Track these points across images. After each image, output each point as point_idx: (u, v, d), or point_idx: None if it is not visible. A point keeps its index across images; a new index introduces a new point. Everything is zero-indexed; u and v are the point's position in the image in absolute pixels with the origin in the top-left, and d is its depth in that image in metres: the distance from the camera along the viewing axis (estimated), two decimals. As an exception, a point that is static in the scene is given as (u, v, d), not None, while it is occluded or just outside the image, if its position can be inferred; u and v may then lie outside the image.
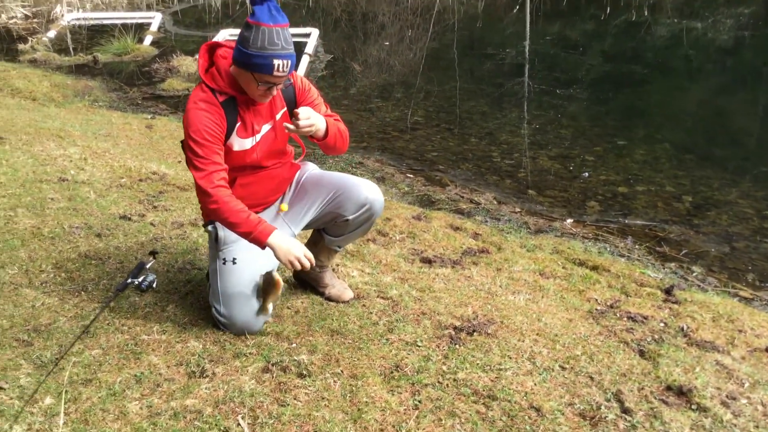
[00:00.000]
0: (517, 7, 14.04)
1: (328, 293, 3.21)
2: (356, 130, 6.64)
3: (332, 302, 3.18)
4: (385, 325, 2.99)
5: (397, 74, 9.52)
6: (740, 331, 3.29)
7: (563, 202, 5.21)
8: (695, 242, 4.57)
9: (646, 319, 3.34)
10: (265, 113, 2.80)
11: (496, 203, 5.16)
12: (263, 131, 2.80)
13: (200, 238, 3.77)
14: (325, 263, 3.22)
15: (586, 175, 5.63)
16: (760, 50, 10.91)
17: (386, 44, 11.32)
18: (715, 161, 6.08)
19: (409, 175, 5.70)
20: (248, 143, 2.77)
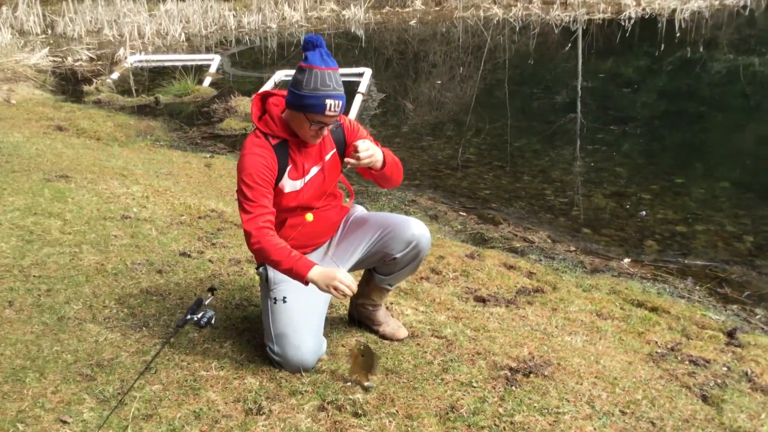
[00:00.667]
0: (569, 44, 14.02)
1: (382, 331, 3.22)
2: (408, 167, 6.68)
3: (386, 340, 3.18)
4: (439, 364, 2.98)
5: (448, 112, 9.58)
6: (809, 376, 3.17)
7: (620, 241, 5.13)
8: (758, 283, 4.44)
9: (708, 362, 3.25)
10: (314, 155, 2.89)
11: (550, 242, 5.11)
12: (312, 173, 2.89)
13: (257, 275, 3.83)
14: (378, 302, 3.23)
15: (643, 213, 5.54)
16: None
17: (438, 82, 11.42)
18: (777, 200, 5.92)
19: (461, 213, 5.70)
20: (298, 184, 2.86)
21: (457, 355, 3.06)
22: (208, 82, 10.65)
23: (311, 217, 2.92)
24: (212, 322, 3.23)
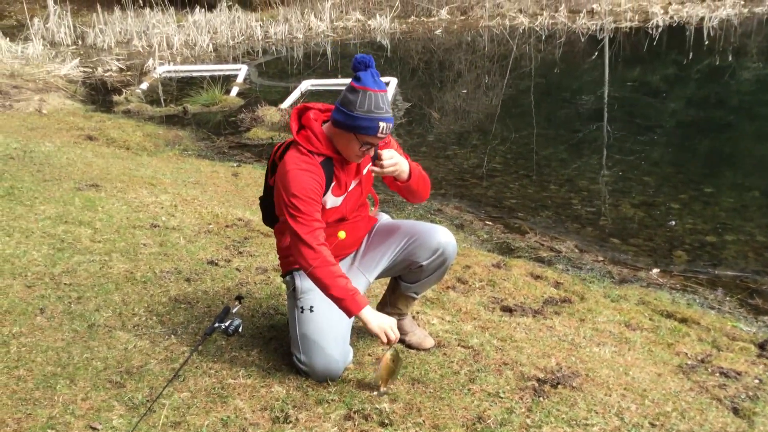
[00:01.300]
0: (595, 53, 13.95)
1: (408, 340, 3.21)
2: (434, 176, 6.67)
3: (413, 350, 3.18)
4: (466, 374, 2.97)
5: (473, 121, 9.57)
6: (844, 390, 3.11)
7: (648, 251, 5.07)
8: (791, 295, 4.37)
9: (739, 374, 3.20)
10: (354, 170, 2.89)
11: (577, 251, 5.07)
12: (351, 187, 2.90)
13: (283, 284, 3.85)
14: (404, 311, 3.23)
15: (672, 223, 5.48)
16: None
17: (463, 91, 11.42)
18: (809, 209, 5.82)
19: (487, 222, 5.68)
20: (339, 200, 2.86)
21: (483, 365, 3.05)
22: (235, 92, 10.75)
23: (344, 234, 2.91)
24: (239, 330, 3.25)
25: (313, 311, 2.88)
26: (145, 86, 11.28)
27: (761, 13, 16.72)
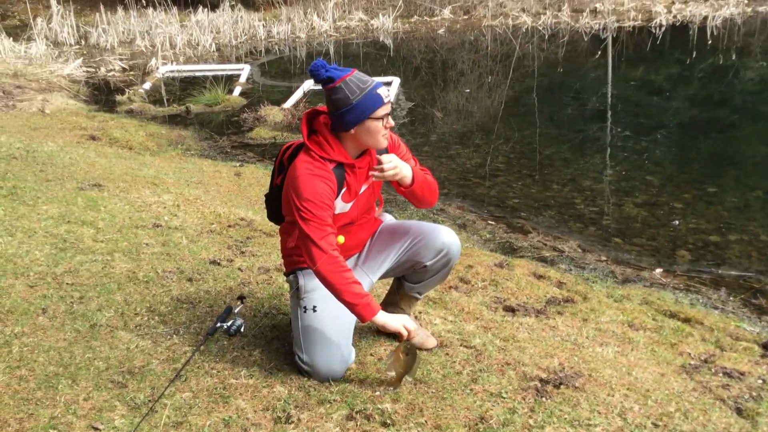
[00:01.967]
0: (598, 52, 13.92)
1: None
2: (437, 176, 6.60)
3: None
4: (468, 374, 2.96)
5: (476, 121, 9.56)
6: None
7: (651, 250, 5.06)
8: (795, 294, 4.36)
9: (743, 375, 3.19)
10: (364, 174, 2.87)
11: (580, 251, 5.06)
12: (361, 191, 2.89)
13: (285, 283, 3.85)
14: (406, 311, 3.23)
15: (676, 223, 5.46)
16: None
17: (466, 91, 11.40)
18: (813, 209, 5.80)
19: (490, 222, 5.67)
20: (348, 206, 2.86)
21: (486, 365, 3.04)
22: (238, 91, 10.75)
23: (342, 239, 2.90)
24: (242, 330, 3.26)
25: (316, 311, 2.88)
26: (147, 86, 11.28)
27: (765, 12, 16.66)
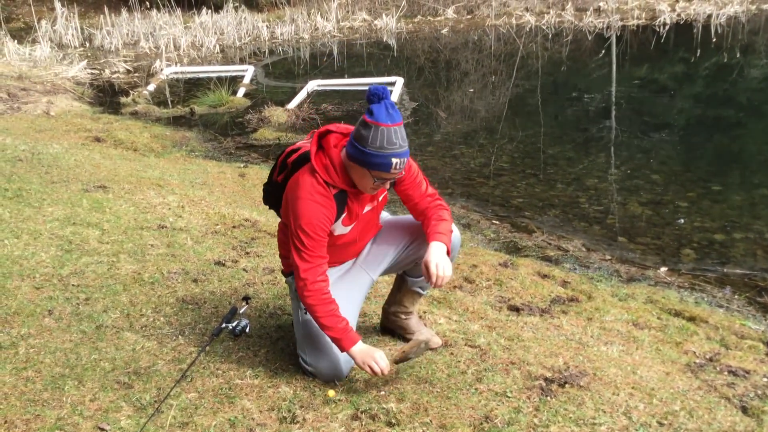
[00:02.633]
0: (602, 51, 13.90)
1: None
2: (440, 176, 6.69)
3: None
4: (473, 374, 2.96)
5: (480, 120, 9.55)
6: None
7: (656, 249, 5.05)
8: (800, 292, 4.35)
9: (748, 373, 3.19)
10: (368, 198, 2.85)
11: (585, 250, 5.05)
12: (363, 212, 2.87)
13: (287, 283, 3.86)
14: (410, 308, 3.23)
15: (681, 221, 5.45)
16: None
17: (470, 91, 11.40)
18: (819, 207, 5.78)
19: (494, 221, 5.67)
20: (348, 228, 2.85)
21: (491, 364, 3.04)
22: (242, 92, 10.77)
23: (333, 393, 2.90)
24: (247, 330, 3.26)
25: (317, 312, 2.88)
26: (152, 88, 11.30)
27: (769, 9, 16.63)
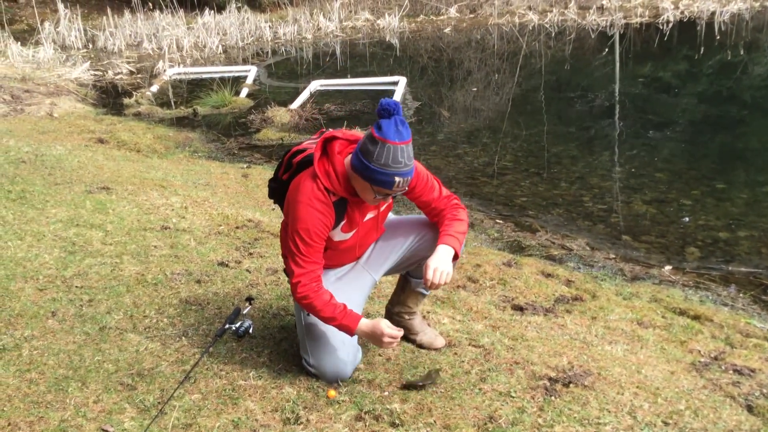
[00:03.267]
0: (606, 49, 13.87)
1: (419, 340, 3.20)
2: (444, 175, 6.67)
3: (424, 350, 3.17)
4: (477, 374, 2.96)
5: (484, 119, 9.54)
6: None
7: (660, 248, 5.04)
8: (805, 290, 4.33)
9: (753, 372, 3.17)
10: (371, 205, 2.84)
11: (589, 249, 5.04)
12: (365, 219, 2.86)
13: (289, 284, 3.85)
14: (413, 309, 3.22)
15: (686, 220, 5.43)
16: None
17: (473, 90, 11.38)
18: (824, 204, 5.75)
19: (498, 220, 5.66)
20: (347, 235, 2.84)
21: (494, 364, 3.03)
22: (244, 93, 10.77)
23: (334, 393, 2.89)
24: (250, 331, 3.26)
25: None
26: (155, 89, 11.32)
27: (773, 6, 16.57)
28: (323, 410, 2.68)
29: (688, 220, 5.44)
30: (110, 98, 11.11)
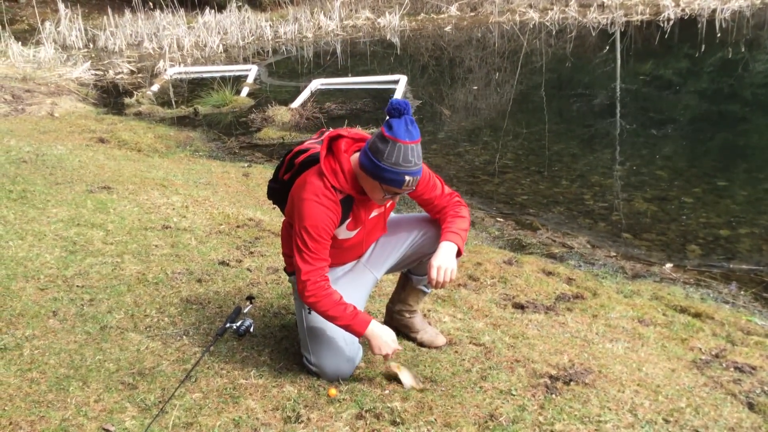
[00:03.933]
0: (606, 47, 13.86)
1: (420, 339, 3.21)
2: (445, 174, 6.67)
3: (424, 348, 3.17)
4: (478, 372, 2.96)
5: (485, 117, 9.53)
6: None
7: (661, 245, 5.03)
8: (806, 288, 4.32)
9: (754, 369, 3.17)
10: (375, 204, 2.83)
11: (589, 247, 5.04)
12: (370, 216, 2.85)
13: (290, 283, 3.85)
14: (414, 307, 3.22)
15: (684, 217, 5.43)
16: None
17: (474, 88, 11.38)
18: (825, 201, 5.75)
19: (499, 219, 5.66)
20: (353, 233, 2.84)
21: (495, 362, 3.04)
22: (245, 92, 10.77)
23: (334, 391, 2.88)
24: (251, 330, 3.26)
25: (320, 312, 2.87)
26: (156, 88, 11.32)
27: (774, 3, 16.55)
28: (324, 409, 2.68)
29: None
30: (111, 98, 11.11)
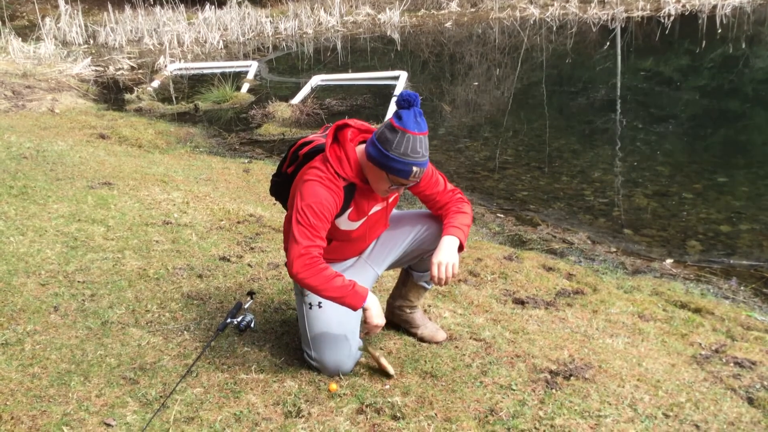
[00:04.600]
0: (607, 43, 13.85)
1: (420, 334, 3.21)
2: (445, 170, 6.66)
3: (425, 343, 3.18)
4: (478, 367, 2.96)
5: (485, 113, 9.53)
6: None
7: (662, 241, 5.04)
8: (807, 283, 4.33)
9: (754, 364, 3.17)
10: (378, 197, 2.83)
11: (590, 243, 5.04)
12: (373, 210, 2.85)
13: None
14: (415, 303, 3.23)
15: (476, 83, 5.42)
16: None
17: (474, 84, 11.37)
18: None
19: (499, 214, 5.66)
20: (355, 225, 2.84)
21: (495, 357, 3.04)
22: (246, 88, 10.76)
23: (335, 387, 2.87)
24: (252, 325, 3.27)
25: (321, 307, 2.87)
26: (156, 84, 11.31)
27: (775, -1, 16.53)
28: (325, 403, 2.69)
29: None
30: (111, 94, 11.10)
